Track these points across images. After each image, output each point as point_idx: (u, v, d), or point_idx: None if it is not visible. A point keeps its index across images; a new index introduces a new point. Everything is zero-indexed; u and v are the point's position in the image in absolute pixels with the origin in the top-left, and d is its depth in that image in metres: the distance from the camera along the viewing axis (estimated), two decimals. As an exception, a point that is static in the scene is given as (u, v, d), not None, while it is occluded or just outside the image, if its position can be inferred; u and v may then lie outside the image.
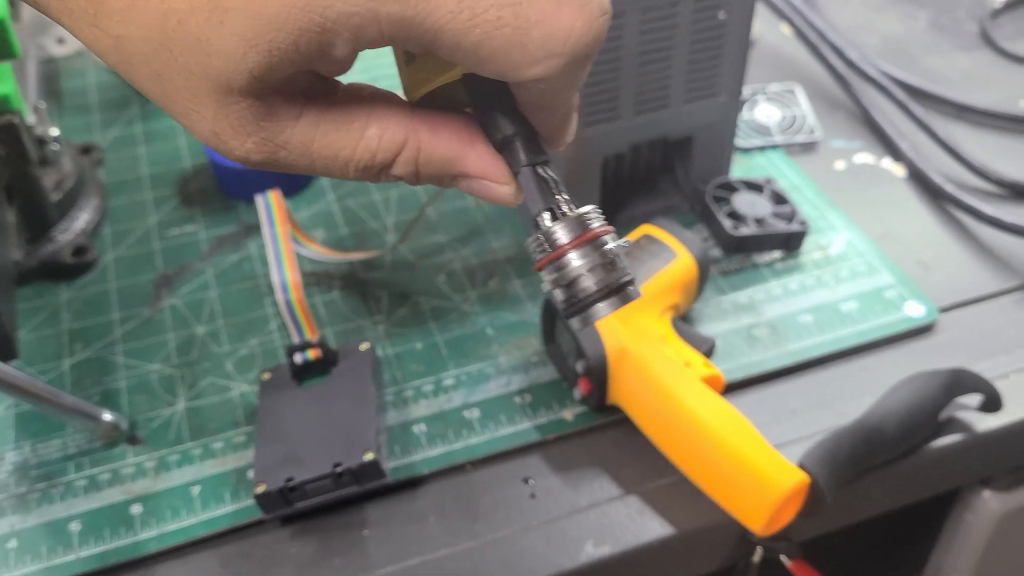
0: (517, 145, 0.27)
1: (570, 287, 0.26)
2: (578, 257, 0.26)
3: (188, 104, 0.26)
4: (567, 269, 0.26)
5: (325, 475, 0.45)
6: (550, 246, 0.26)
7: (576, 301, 0.26)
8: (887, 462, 0.47)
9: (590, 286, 0.26)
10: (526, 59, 0.24)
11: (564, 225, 0.26)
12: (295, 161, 0.27)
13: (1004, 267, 0.58)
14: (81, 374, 0.53)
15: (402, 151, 0.27)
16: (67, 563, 0.45)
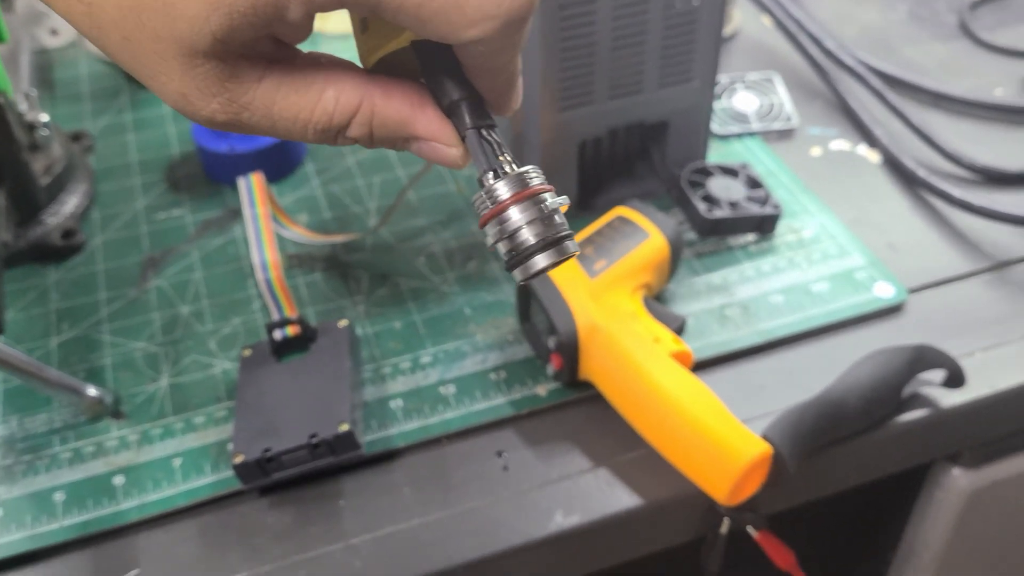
0: (463, 109, 0.28)
1: (511, 240, 0.27)
2: (518, 211, 0.27)
3: (156, 67, 0.27)
4: (508, 223, 0.27)
5: (301, 446, 0.46)
6: (491, 202, 0.27)
7: (516, 254, 0.27)
8: (851, 435, 0.48)
9: (529, 238, 0.27)
10: (464, 21, 0.25)
11: (505, 183, 0.27)
12: (257, 122, 0.28)
13: (973, 250, 0.59)
14: (68, 352, 0.54)
15: (357, 113, 0.28)
16: (51, 531, 0.46)
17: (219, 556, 0.45)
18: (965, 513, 0.57)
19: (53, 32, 0.79)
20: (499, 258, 0.58)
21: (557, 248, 0.27)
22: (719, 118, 0.69)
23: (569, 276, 0.50)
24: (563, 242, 0.28)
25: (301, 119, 0.28)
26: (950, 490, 0.57)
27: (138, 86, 0.75)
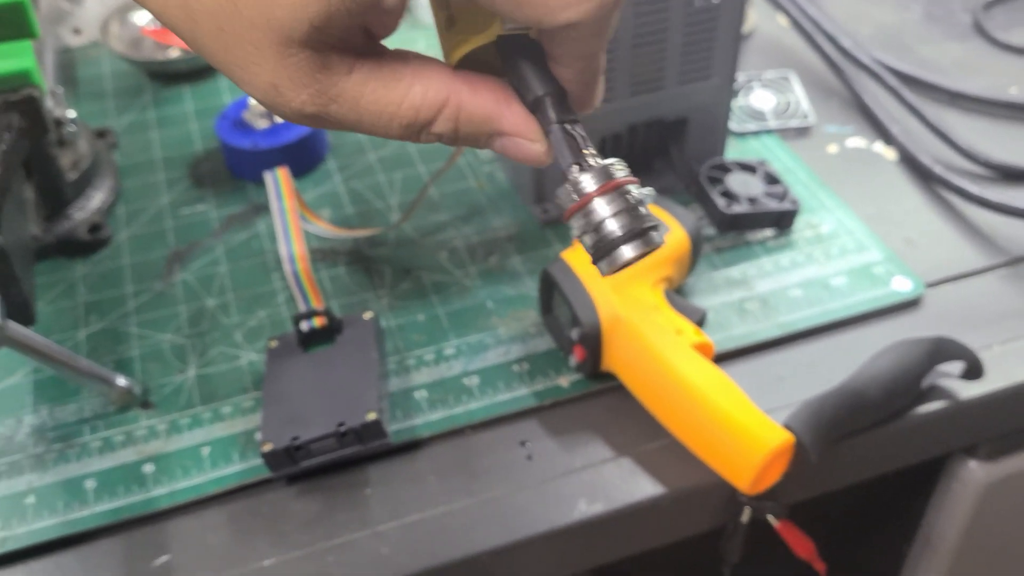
0: (547, 104, 0.28)
1: (597, 232, 0.27)
2: (604, 203, 0.27)
3: (249, 58, 0.27)
4: (593, 215, 0.27)
5: (329, 434, 0.47)
6: (578, 195, 0.28)
7: (602, 245, 0.27)
8: (871, 426, 0.49)
9: (615, 230, 0.27)
10: (560, 3, 0.25)
11: (591, 175, 0.27)
12: (344, 116, 0.28)
13: (989, 245, 0.60)
14: (96, 344, 0.55)
15: (444, 109, 0.29)
16: (82, 517, 0.47)
17: (248, 542, 0.46)
18: (981, 506, 0.58)
19: (76, 31, 0.80)
20: (519, 252, 0.59)
21: (643, 239, 0.27)
22: (736, 116, 0.69)
23: (591, 269, 0.51)
24: (648, 233, 0.28)
25: (387, 113, 0.28)
26: (967, 483, 0.57)
27: (161, 84, 0.76)
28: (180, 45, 0.76)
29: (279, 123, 0.66)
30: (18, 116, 0.48)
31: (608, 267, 0.28)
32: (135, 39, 0.78)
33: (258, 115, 0.66)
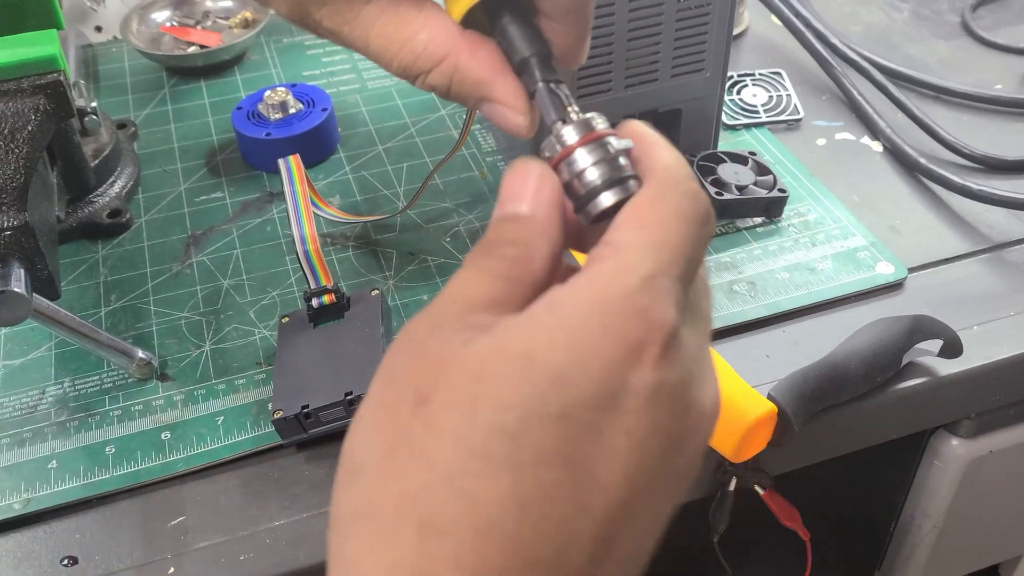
0: (533, 64, 0.30)
1: (579, 180, 0.28)
2: (585, 154, 0.28)
3: None
4: (575, 165, 0.28)
5: (337, 403, 0.49)
6: (560, 146, 0.29)
7: (583, 194, 0.28)
8: (852, 399, 0.51)
9: (595, 179, 0.28)
10: None
11: (572, 127, 0.29)
12: (355, 40, 0.30)
13: (971, 232, 0.62)
14: (116, 320, 0.58)
15: (441, 64, 0.30)
16: (103, 480, 0.49)
17: (259, 504, 0.48)
18: (963, 482, 0.60)
19: (98, 29, 0.83)
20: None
21: (622, 187, 0.28)
22: (729, 110, 0.72)
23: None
24: (628, 181, 0.28)
25: (391, 50, 0.30)
26: (949, 460, 0.60)
27: (179, 78, 0.79)
28: (199, 41, 0.80)
29: (292, 114, 0.69)
30: (44, 99, 0.51)
31: (588, 215, 0.29)
32: (154, 36, 0.81)
33: (272, 107, 0.69)
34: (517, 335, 0.23)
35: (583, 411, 0.23)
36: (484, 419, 0.22)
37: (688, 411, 0.24)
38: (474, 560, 0.22)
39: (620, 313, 0.23)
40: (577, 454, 0.22)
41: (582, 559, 0.23)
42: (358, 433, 0.25)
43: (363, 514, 0.23)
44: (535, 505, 0.22)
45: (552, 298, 0.24)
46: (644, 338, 0.23)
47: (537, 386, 0.23)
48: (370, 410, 0.25)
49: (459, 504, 0.22)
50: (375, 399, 0.25)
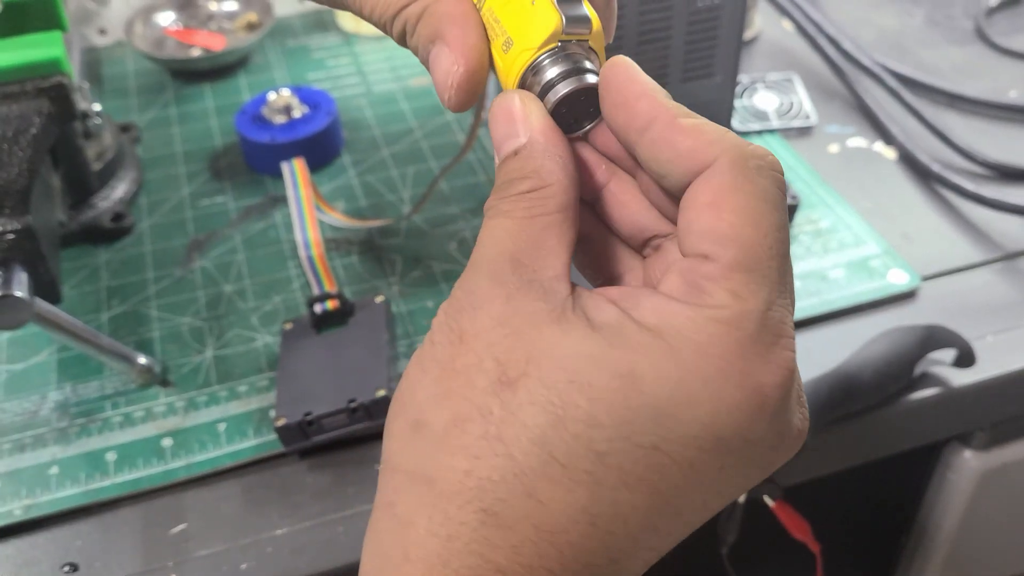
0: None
1: (537, 76, 0.28)
2: (546, 56, 0.28)
3: None
4: (539, 69, 0.28)
5: (340, 410, 0.49)
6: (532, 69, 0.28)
7: (541, 89, 0.28)
8: (864, 409, 0.51)
9: (553, 75, 0.28)
10: None
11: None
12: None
13: (985, 240, 0.61)
14: (118, 325, 0.57)
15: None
16: (103, 487, 0.49)
17: (261, 513, 0.48)
18: (977, 494, 0.59)
19: (101, 31, 0.83)
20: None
21: (578, 77, 0.28)
22: (740, 116, 0.71)
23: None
24: (585, 74, 0.28)
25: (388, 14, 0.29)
26: (962, 471, 0.59)
27: (183, 82, 0.78)
28: (203, 45, 0.79)
29: (296, 118, 0.68)
30: (48, 102, 0.50)
31: (547, 107, 0.28)
32: (158, 39, 0.80)
33: (276, 111, 0.68)
34: (623, 350, 0.23)
35: (682, 448, 0.22)
36: (572, 429, 0.22)
37: (783, 439, 0.24)
38: (531, 555, 0.22)
39: (742, 358, 0.22)
40: (664, 484, 0.22)
41: (636, 566, 0.23)
42: (422, 386, 0.24)
43: (423, 477, 0.23)
44: (606, 522, 0.22)
45: (662, 317, 0.23)
46: (764, 383, 0.23)
47: (637, 413, 0.22)
48: (437, 365, 0.24)
49: (527, 504, 0.22)
50: (443, 354, 0.24)
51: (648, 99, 0.26)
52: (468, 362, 0.23)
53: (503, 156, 0.27)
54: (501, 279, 0.24)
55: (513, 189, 0.25)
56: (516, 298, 0.24)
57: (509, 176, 0.26)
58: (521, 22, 0.28)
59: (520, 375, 0.23)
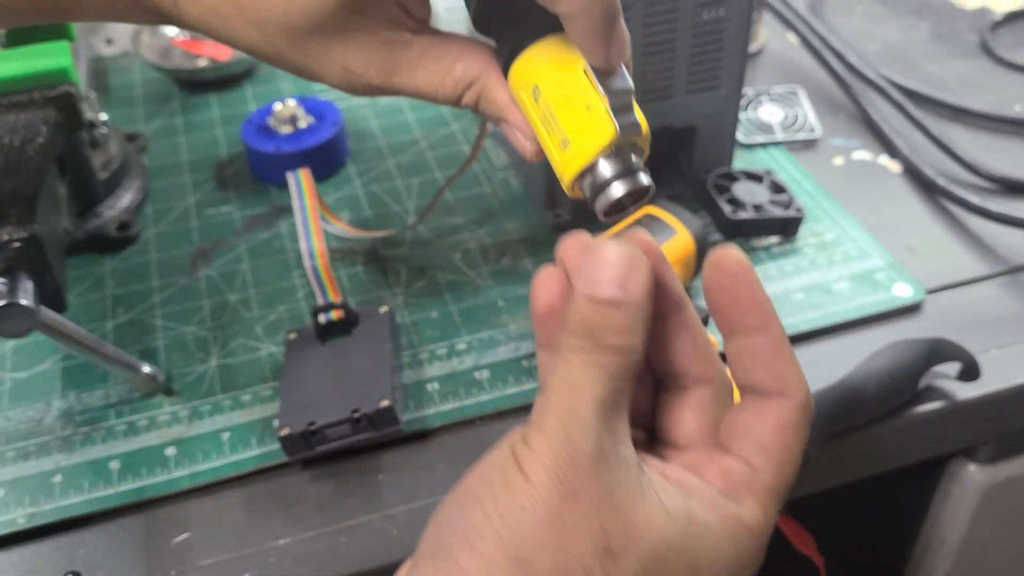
0: None
1: (593, 177, 0.31)
2: (604, 161, 0.31)
3: (319, 53, 0.32)
4: (596, 172, 0.31)
5: (344, 420, 0.49)
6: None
7: (596, 187, 0.31)
8: (868, 422, 0.50)
9: (607, 173, 0.31)
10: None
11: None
12: (404, 84, 0.33)
13: (990, 254, 0.61)
14: (123, 334, 0.57)
15: (473, 85, 0.33)
16: (107, 496, 0.49)
17: (264, 522, 0.48)
18: (981, 509, 0.59)
19: (108, 41, 0.83)
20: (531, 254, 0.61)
21: (632, 178, 0.30)
22: (745, 128, 0.71)
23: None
24: (637, 174, 0.30)
25: (434, 84, 0.33)
26: (966, 485, 0.59)
27: (189, 91, 0.78)
28: (210, 55, 0.79)
29: (302, 128, 0.68)
30: (55, 111, 0.51)
31: (600, 206, 0.31)
32: (165, 48, 0.81)
33: (282, 121, 0.68)
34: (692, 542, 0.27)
35: None
36: None
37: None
38: None
39: (755, 558, 0.29)
40: None
41: None
42: (524, 524, 0.26)
43: None
44: None
45: (715, 515, 0.27)
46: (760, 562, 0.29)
47: None
48: (546, 511, 0.26)
49: None
50: (553, 504, 0.26)
51: (763, 312, 0.30)
52: (578, 522, 0.26)
53: (599, 297, 0.28)
54: (600, 443, 0.26)
55: (608, 341, 0.27)
56: (615, 470, 0.26)
57: (605, 324, 0.27)
58: (578, 125, 0.30)
59: (621, 549, 0.26)
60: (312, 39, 0.32)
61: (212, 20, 0.32)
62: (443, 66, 0.33)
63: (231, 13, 0.31)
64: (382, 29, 0.33)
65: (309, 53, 0.33)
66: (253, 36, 0.32)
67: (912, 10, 0.88)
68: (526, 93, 0.32)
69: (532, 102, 0.31)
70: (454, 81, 0.33)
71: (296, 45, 0.32)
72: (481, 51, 0.34)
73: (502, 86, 0.33)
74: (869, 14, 0.87)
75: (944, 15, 0.86)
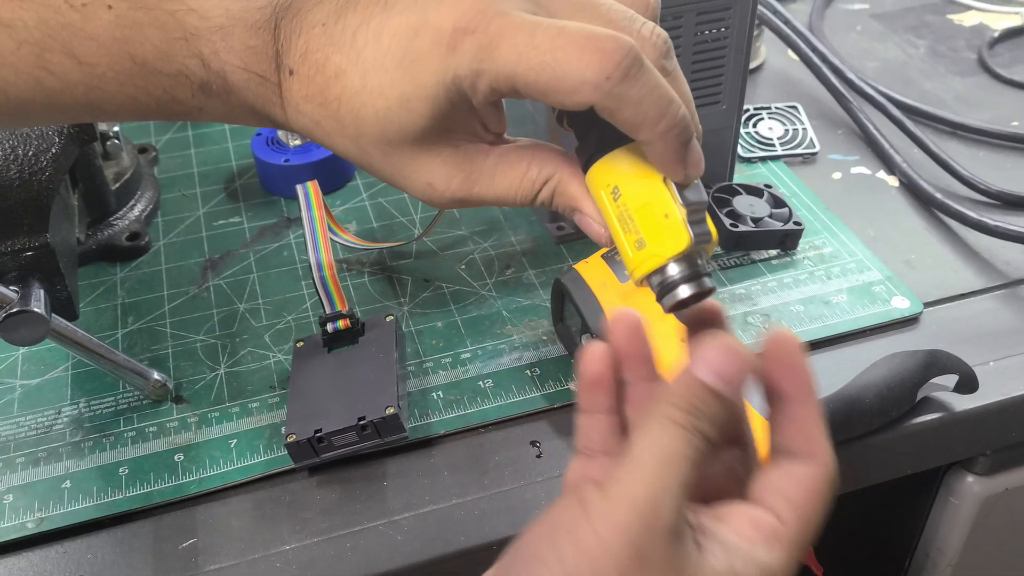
0: None
1: (662, 276, 0.33)
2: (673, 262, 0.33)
3: (406, 166, 0.34)
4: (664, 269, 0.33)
5: (350, 427, 0.49)
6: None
7: (665, 285, 0.33)
8: (866, 433, 0.51)
9: (675, 275, 0.33)
10: (565, 89, 0.30)
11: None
12: (484, 193, 0.35)
13: (987, 267, 0.62)
14: (133, 342, 0.58)
15: (548, 182, 0.35)
16: (115, 501, 0.49)
17: (270, 528, 0.48)
18: (979, 520, 0.60)
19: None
20: (534, 266, 0.62)
21: (697, 282, 0.33)
22: (745, 143, 0.72)
23: (601, 280, 0.54)
24: (702, 277, 0.33)
25: (512, 188, 0.35)
26: (964, 497, 0.59)
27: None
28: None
29: (311, 142, 0.69)
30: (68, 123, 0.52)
31: (667, 304, 0.34)
32: (176, 63, 0.82)
33: (291, 133, 0.70)
34: None
35: None
36: None
37: None
38: None
39: None
40: None
41: None
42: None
43: None
44: None
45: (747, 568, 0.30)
46: None
47: None
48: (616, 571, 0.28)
49: None
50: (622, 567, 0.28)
51: (809, 386, 0.33)
52: None
53: (709, 381, 0.31)
54: (679, 519, 0.29)
55: (704, 425, 0.30)
56: (685, 543, 0.29)
57: (706, 410, 0.30)
58: (655, 231, 0.33)
59: None
60: (403, 153, 0.34)
61: (315, 131, 0.35)
62: (519, 170, 0.35)
63: (333, 128, 0.34)
64: (464, 143, 0.35)
65: (397, 164, 0.34)
66: (350, 148, 0.34)
67: (910, 28, 0.89)
68: (606, 192, 0.34)
69: (611, 200, 0.34)
70: (531, 182, 0.35)
71: (387, 157, 0.34)
72: (552, 152, 0.35)
73: (575, 180, 0.35)
74: (868, 32, 0.88)
75: (942, 33, 0.88)
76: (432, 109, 0.32)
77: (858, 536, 0.66)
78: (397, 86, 0.32)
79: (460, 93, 0.32)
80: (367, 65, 0.32)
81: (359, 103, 0.33)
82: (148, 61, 0.33)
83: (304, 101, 0.34)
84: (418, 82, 0.32)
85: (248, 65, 0.34)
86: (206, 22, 0.33)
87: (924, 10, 0.91)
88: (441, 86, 0.32)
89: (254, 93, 0.34)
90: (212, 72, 0.34)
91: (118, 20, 0.33)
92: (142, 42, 0.33)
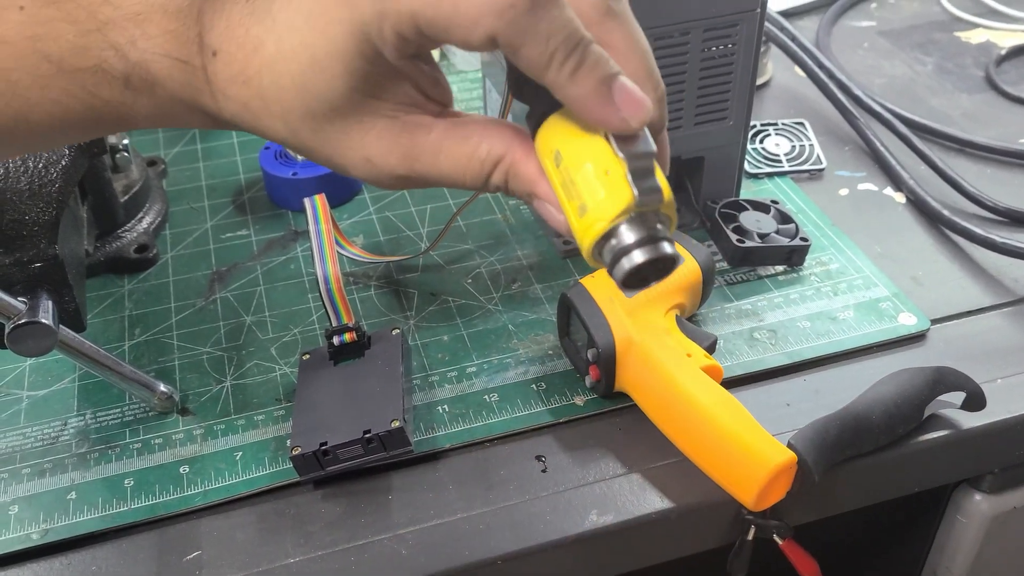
0: None
1: (615, 238, 0.30)
2: (626, 225, 0.30)
3: (339, 143, 0.32)
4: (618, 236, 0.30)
5: (355, 440, 0.49)
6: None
7: (617, 252, 0.30)
8: (873, 450, 0.51)
9: (628, 239, 0.29)
10: (466, 23, 0.29)
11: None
12: (427, 172, 0.33)
13: (995, 284, 0.62)
14: (139, 354, 0.59)
15: (499, 164, 0.33)
16: (121, 513, 0.49)
17: (275, 541, 0.48)
18: (987, 538, 0.59)
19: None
20: (540, 280, 0.62)
21: (652, 247, 0.29)
22: (752, 159, 0.72)
23: (607, 295, 0.54)
24: (660, 241, 0.29)
25: (460, 166, 0.33)
26: (972, 515, 0.59)
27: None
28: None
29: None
30: (81, 137, 0.52)
31: (619, 274, 0.30)
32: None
33: (298, 147, 0.70)
34: None
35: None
36: None
37: None
38: None
39: None
40: None
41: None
42: None
43: None
44: None
45: None
46: None
47: None
48: None
49: None
50: None
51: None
52: None
53: None
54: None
55: None
56: None
57: None
58: (596, 191, 0.29)
59: None
60: (331, 127, 0.32)
61: (245, 116, 0.32)
62: (467, 148, 0.32)
63: (259, 108, 0.32)
64: (400, 113, 0.32)
65: (330, 141, 0.32)
66: (279, 129, 0.32)
67: (917, 45, 0.89)
68: (549, 160, 0.31)
69: (554, 168, 0.30)
70: (480, 162, 0.32)
71: (317, 133, 0.32)
72: (505, 128, 0.33)
73: (530, 160, 0.32)
74: (875, 49, 0.89)
75: (949, 50, 0.88)
76: (345, 68, 0.30)
77: (864, 553, 0.65)
78: (308, 46, 0.30)
79: (370, 44, 0.30)
80: (281, 29, 0.31)
81: (278, 73, 0.31)
82: (64, 58, 0.31)
83: (229, 83, 0.32)
84: (327, 36, 0.30)
85: (169, 51, 0.32)
86: (119, 11, 0.32)
87: (931, 27, 0.91)
88: (350, 38, 0.30)
89: (179, 82, 0.32)
90: (131, 63, 0.32)
91: (29, 19, 0.31)
92: (55, 38, 0.31)
